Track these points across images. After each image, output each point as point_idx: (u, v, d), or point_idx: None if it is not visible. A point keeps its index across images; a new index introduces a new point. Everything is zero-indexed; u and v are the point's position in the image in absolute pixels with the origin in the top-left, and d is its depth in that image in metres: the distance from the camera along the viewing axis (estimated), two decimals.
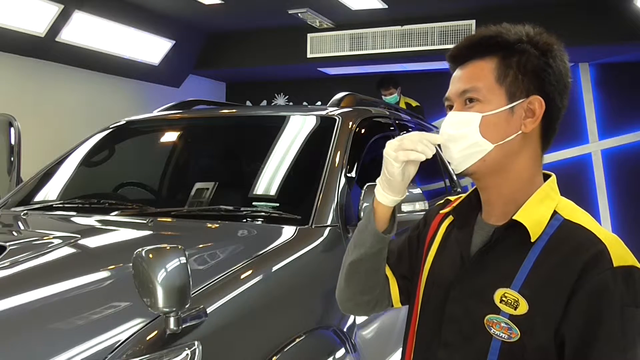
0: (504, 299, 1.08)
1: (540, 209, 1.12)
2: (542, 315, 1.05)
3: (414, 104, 5.69)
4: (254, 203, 2.42)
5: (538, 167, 1.18)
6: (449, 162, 1.19)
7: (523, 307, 1.06)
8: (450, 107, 1.18)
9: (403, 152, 1.15)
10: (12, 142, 3.09)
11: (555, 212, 1.12)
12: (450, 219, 1.28)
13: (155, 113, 3.17)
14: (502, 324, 1.07)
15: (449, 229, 1.27)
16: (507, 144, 1.12)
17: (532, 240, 1.09)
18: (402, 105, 5.56)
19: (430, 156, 1.15)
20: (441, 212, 1.31)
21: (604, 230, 1.10)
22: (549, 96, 1.13)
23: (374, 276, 1.31)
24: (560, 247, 1.07)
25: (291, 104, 7.67)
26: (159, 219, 2.25)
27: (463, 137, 1.12)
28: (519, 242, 1.10)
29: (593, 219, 1.13)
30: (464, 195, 1.28)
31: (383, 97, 5.53)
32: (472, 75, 1.15)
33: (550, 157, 6.07)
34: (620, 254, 1.05)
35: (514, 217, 1.11)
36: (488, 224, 1.19)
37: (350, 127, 2.59)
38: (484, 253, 1.15)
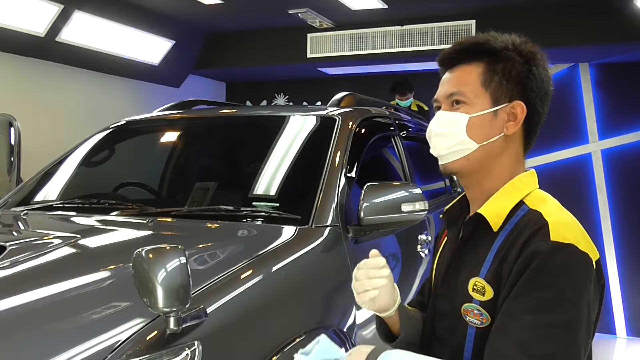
0: (475, 287, 1.15)
1: (502, 201, 1.19)
2: (503, 298, 1.10)
3: (425, 108, 5.76)
4: (254, 203, 2.42)
5: (520, 167, 1.24)
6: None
7: (489, 293, 1.13)
8: (439, 108, 1.26)
9: (360, 296, 1.27)
10: (12, 142, 3.10)
11: (522, 203, 1.18)
12: None
13: (155, 113, 3.17)
14: (475, 311, 1.15)
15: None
16: (489, 145, 1.19)
17: (495, 230, 1.16)
18: (414, 107, 5.63)
19: (385, 278, 1.25)
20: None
21: (558, 214, 1.14)
22: (531, 102, 1.20)
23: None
24: (517, 233, 1.13)
25: (291, 104, 7.66)
26: (159, 219, 2.25)
27: (450, 135, 1.20)
28: (488, 234, 1.17)
29: (559, 207, 1.18)
30: (456, 199, 1.35)
31: (398, 101, 5.58)
32: (460, 79, 1.22)
33: (550, 157, 6.05)
34: (561, 232, 1.08)
35: (478, 211, 1.19)
36: None
37: (350, 127, 2.59)
38: (461, 248, 1.23)
